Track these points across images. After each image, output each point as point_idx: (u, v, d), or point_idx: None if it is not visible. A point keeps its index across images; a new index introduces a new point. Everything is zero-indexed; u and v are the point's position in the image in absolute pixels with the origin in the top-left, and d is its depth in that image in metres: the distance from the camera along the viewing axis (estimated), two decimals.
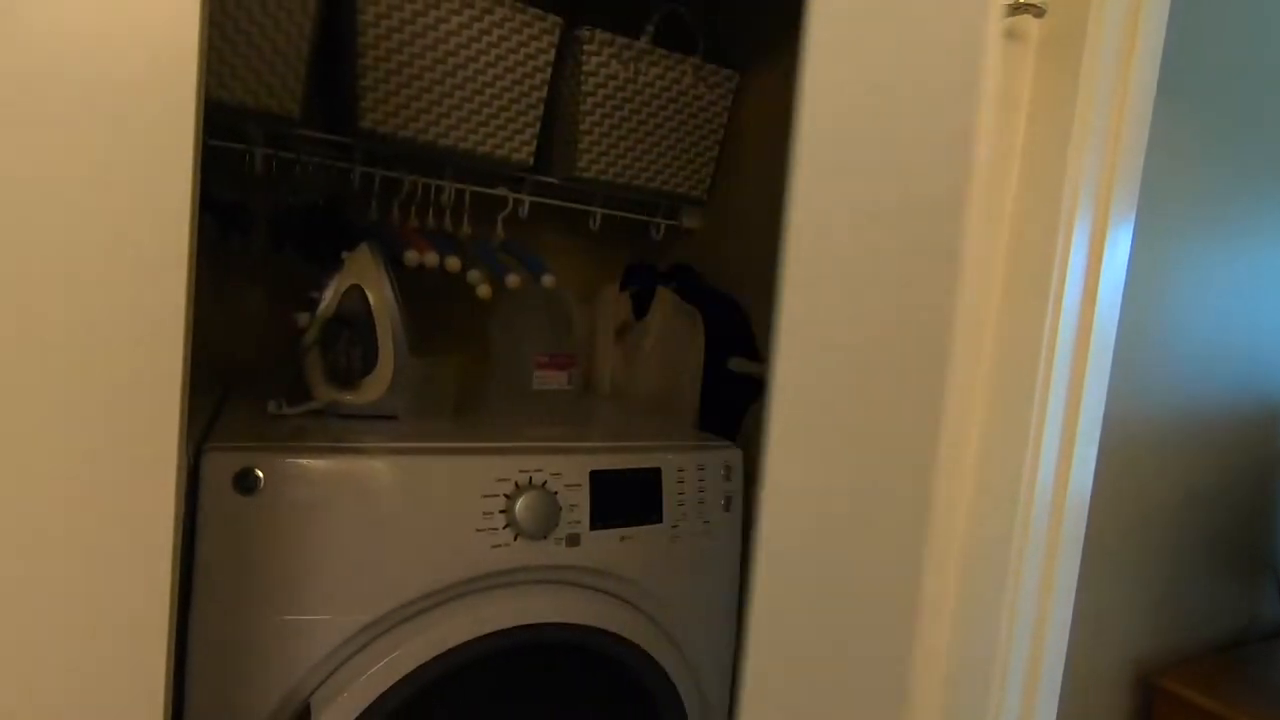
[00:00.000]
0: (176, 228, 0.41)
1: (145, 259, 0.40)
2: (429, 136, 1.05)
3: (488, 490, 0.75)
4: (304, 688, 0.68)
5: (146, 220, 0.40)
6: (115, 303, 0.40)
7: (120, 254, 0.40)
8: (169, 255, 0.41)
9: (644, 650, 0.83)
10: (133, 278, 0.40)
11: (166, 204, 0.40)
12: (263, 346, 1.25)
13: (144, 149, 0.40)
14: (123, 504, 0.41)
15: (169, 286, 0.41)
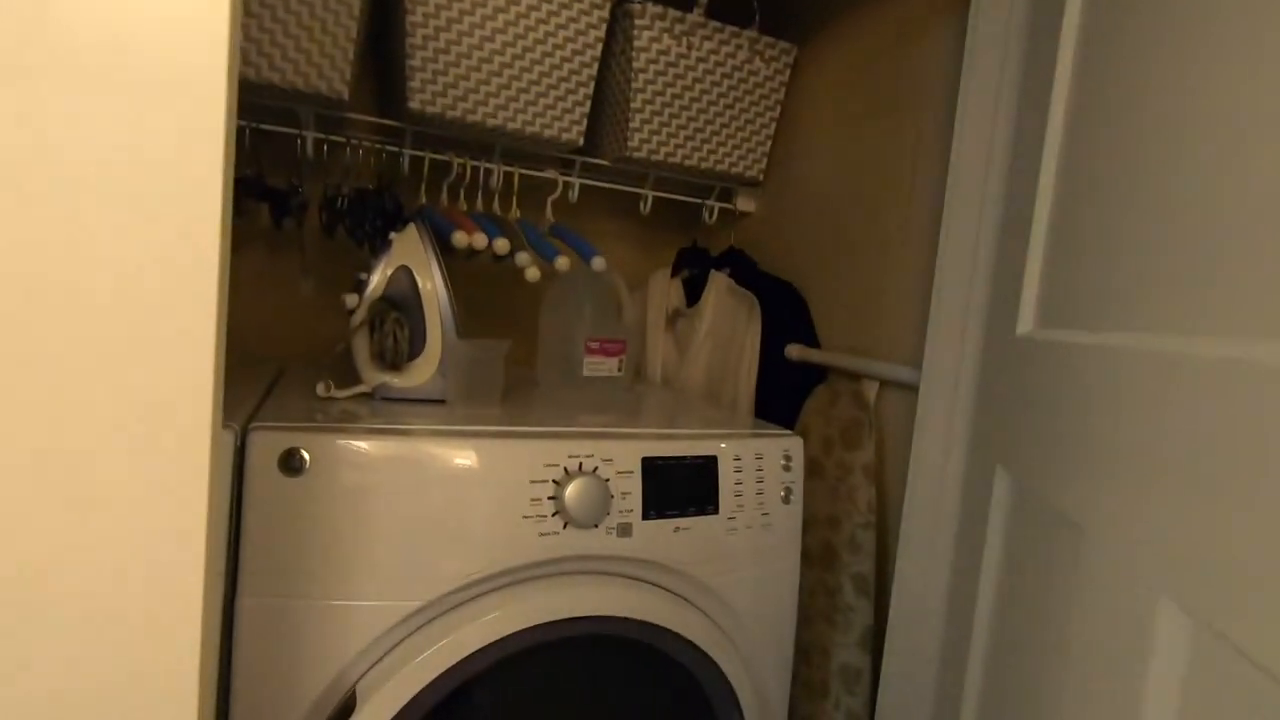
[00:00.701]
0: (208, 202, 0.38)
1: (176, 234, 0.38)
2: (477, 117, 1.03)
3: (536, 476, 0.71)
4: (350, 674, 0.66)
5: (176, 197, 0.38)
6: (144, 283, 0.38)
7: (150, 228, 0.38)
8: (200, 230, 0.38)
9: (698, 647, 0.79)
10: (161, 251, 0.38)
11: (196, 178, 0.38)
12: (317, 331, 1.25)
13: (170, 124, 0.37)
14: (152, 486, 0.39)
15: (200, 256, 0.38)
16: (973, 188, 0.77)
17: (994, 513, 0.65)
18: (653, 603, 0.76)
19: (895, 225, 0.99)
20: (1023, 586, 0.59)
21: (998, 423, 0.67)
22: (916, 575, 0.83)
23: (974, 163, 0.77)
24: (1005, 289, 0.68)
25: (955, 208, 0.79)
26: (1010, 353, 0.66)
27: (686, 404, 1.07)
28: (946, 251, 0.80)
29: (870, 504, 0.94)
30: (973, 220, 0.77)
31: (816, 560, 1.01)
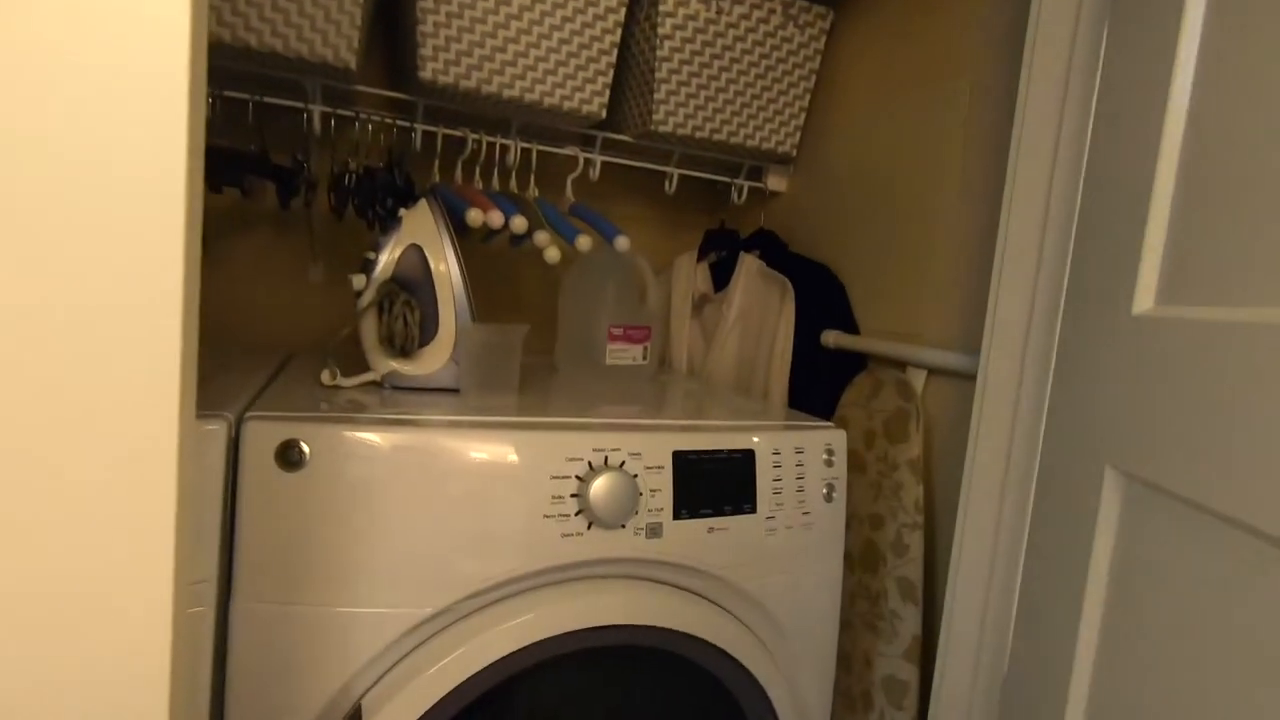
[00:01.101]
0: (170, 181, 0.32)
1: (136, 207, 0.32)
2: (493, 88, 0.96)
3: (558, 472, 0.65)
4: (355, 688, 0.60)
5: (133, 176, 0.32)
6: (104, 262, 0.32)
7: (108, 203, 0.32)
8: (163, 204, 0.32)
9: (733, 657, 0.72)
10: (120, 224, 0.32)
11: (156, 154, 0.32)
12: (327, 319, 1.20)
13: (125, 97, 0.31)
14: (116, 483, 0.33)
15: (162, 232, 0.32)
16: (1041, 156, 0.69)
17: (1104, 518, 0.57)
18: (684, 610, 0.69)
19: (943, 201, 0.91)
20: (1169, 603, 0.51)
21: (1105, 416, 0.58)
22: (975, 585, 0.75)
23: (1042, 128, 0.69)
24: (1106, 265, 0.60)
25: (1021, 179, 0.71)
26: (1122, 335, 0.57)
27: (717, 394, 1.00)
28: (1010, 227, 0.72)
29: (918, 503, 0.87)
30: (1041, 192, 0.69)
31: (857, 562, 0.94)
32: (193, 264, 0.34)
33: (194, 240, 0.35)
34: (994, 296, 0.74)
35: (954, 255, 0.90)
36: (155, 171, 0.32)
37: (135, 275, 0.32)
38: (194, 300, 0.35)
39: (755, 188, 1.27)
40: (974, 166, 0.87)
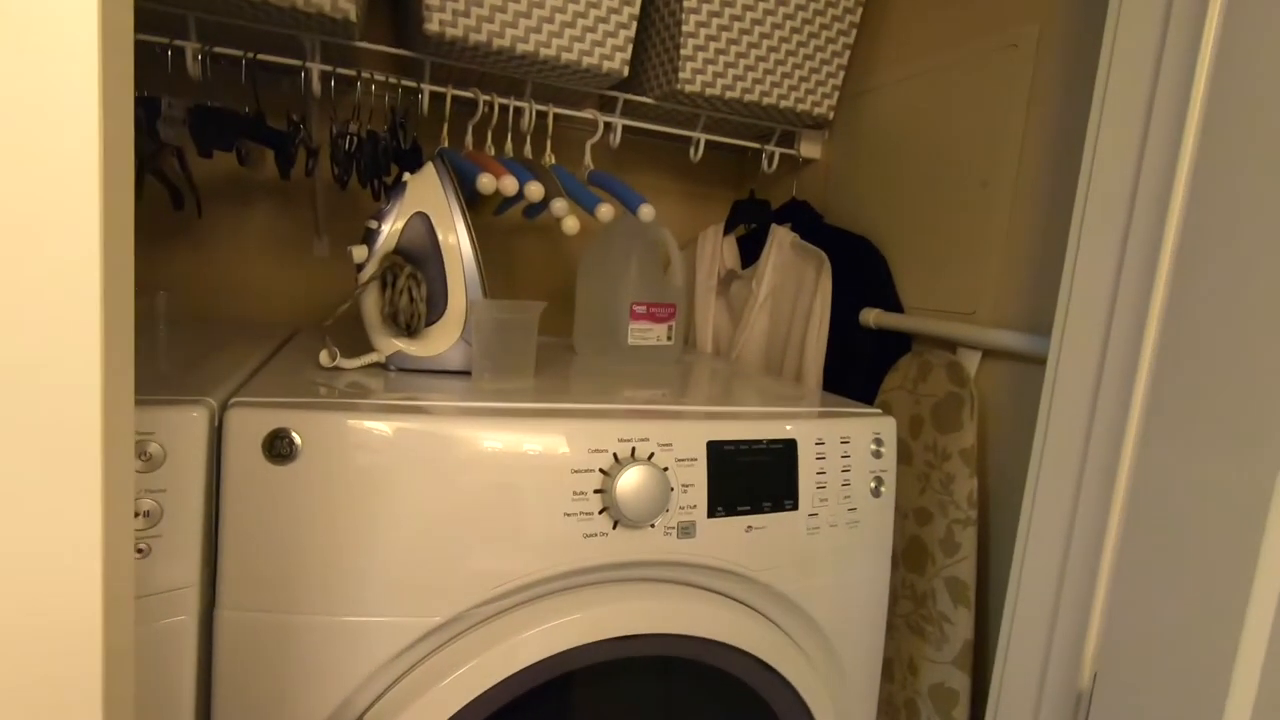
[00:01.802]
0: (82, 132, 0.25)
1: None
2: (505, 41, 0.88)
3: (580, 464, 0.58)
4: (357, 703, 0.54)
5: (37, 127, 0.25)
6: None
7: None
8: (74, 160, 0.25)
9: (772, 668, 0.65)
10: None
11: (62, 101, 0.25)
12: (332, 296, 1.14)
13: None
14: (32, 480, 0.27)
15: (71, 187, 0.25)
16: (1133, 106, 0.60)
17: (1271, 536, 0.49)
18: (718, 616, 0.63)
19: (1003, 164, 0.82)
20: None
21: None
22: (1043, 589, 0.67)
23: (1135, 75, 0.60)
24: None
25: (1107, 135, 0.62)
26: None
27: (748, 378, 0.93)
28: (1093, 186, 0.64)
29: (971, 497, 0.79)
30: (1134, 148, 0.60)
31: (901, 560, 0.86)
32: (118, 226, 0.27)
33: (118, 198, 0.27)
34: (1070, 268, 0.66)
35: (1016, 224, 0.81)
36: (63, 123, 0.25)
37: (39, 239, 0.25)
38: (122, 267, 0.28)
39: (787, 155, 1.18)
40: (1042, 122, 0.78)
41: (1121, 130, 0.61)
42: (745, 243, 1.19)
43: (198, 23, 0.84)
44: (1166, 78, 0.58)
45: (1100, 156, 0.63)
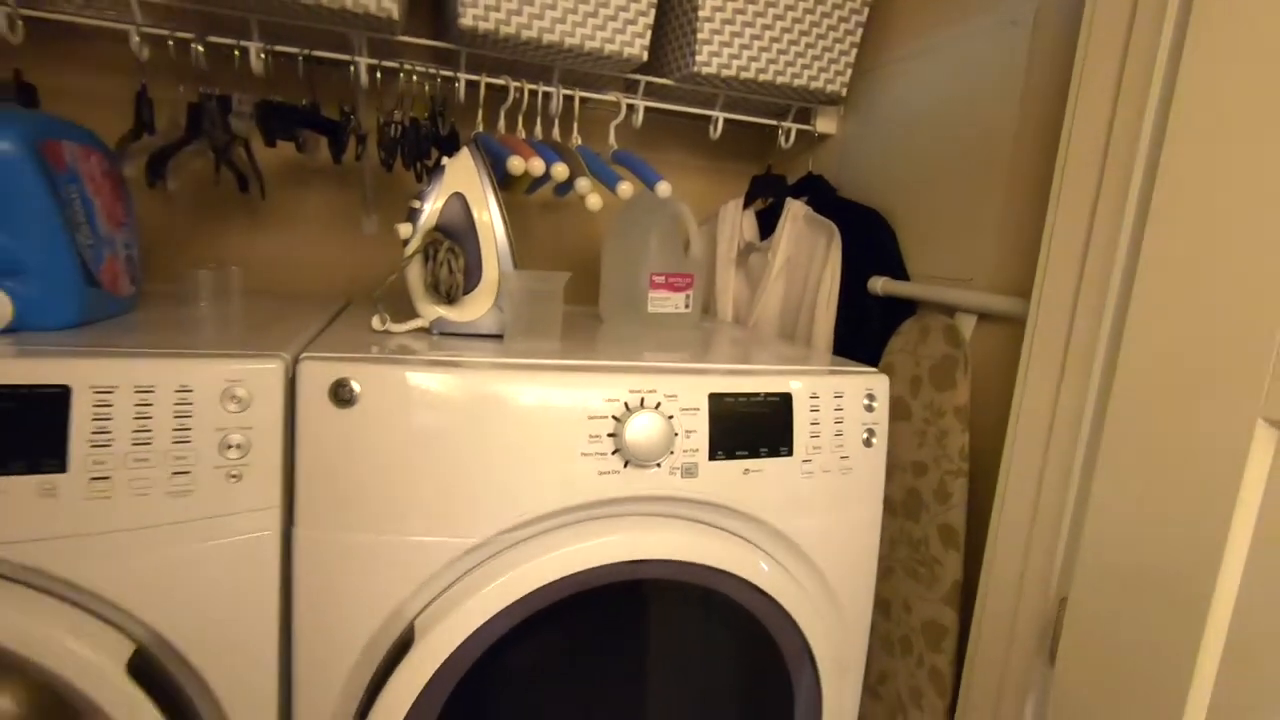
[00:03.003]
0: None
1: None
2: (533, 32, 0.96)
3: (595, 412, 0.67)
4: (408, 610, 0.65)
5: None
6: None
7: None
8: None
9: (768, 595, 0.74)
10: None
11: None
12: (381, 268, 1.24)
13: None
14: None
15: None
16: (1107, 78, 0.65)
17: (1251, 472, 0.52)
18: (720, 547, 0.71)
19: (1000, 139, 0.87)
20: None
21: (1259, 367, 0.52)
22: (1018, 531, 0.74)
23: (1109, 41, 0.65)
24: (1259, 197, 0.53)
25: (1083, 102, 0.67)
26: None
27: (759, 341, 1.00)
28: (1069, 157, 0.69)
29: (963, 450, 0.85)
30: (1104, 119, 0.65)
31: (900, 509, 0.93)
32: None
33: None
34: (1047, 234, 0.71)
35: (1012, 195, 0.86)
36: None
37: None
38: None
39: (803, 131, 1.23)
40: (1037, 98, 0.82)
41: (1092, 111, 0.66)
42: (764, 216, 1.25)
43: (260, 24, 0.94)
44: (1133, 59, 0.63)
45: (1075, 132, 0.68)
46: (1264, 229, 0.51)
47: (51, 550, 0.54)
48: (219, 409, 0.58)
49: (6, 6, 0.86)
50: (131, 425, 0.55)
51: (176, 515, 0.57)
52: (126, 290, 0.79)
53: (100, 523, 0.55)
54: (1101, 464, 0.63)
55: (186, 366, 0.57)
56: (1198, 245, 0.56)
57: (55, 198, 0.64)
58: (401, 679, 0.62)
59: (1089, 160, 0.66)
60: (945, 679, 0.86)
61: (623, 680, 0.75)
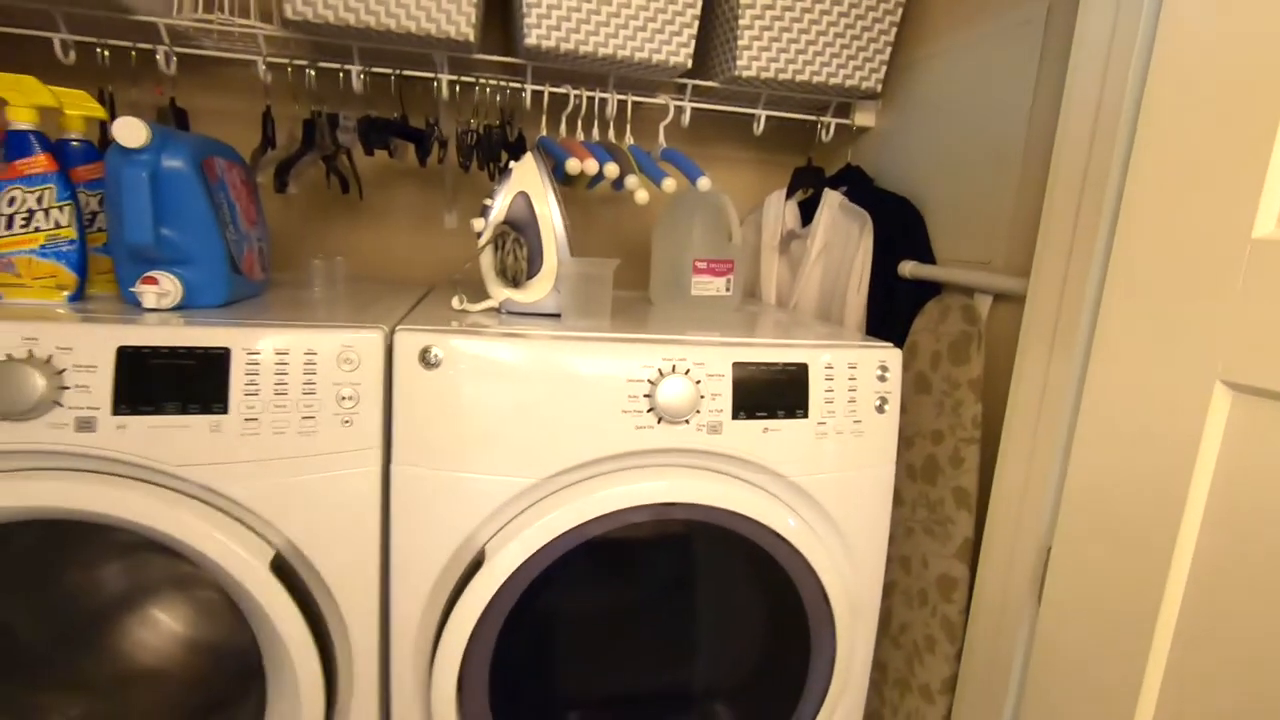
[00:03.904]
0: None
1: None
2: (589, 47, 1.08)
3: (633, 376, 0.79)
4: (480, 536, 0.79)
5: None
6: None
7: None
8: None
9: (788, 541, 0.84)
10: None
11: None
12: (459, 257, 1.41)
13: None
14: None
15: None
16: (1094, 73, 0.72)
17: (1209, 430, 0.59)
18: (743, 496, 0.82)
19: (1015, 129, 0.93)
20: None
21: (1216, 335, 0.60)
22: (1012, 490, 0.82)
23: (1096, 35, 0.72)
24: (1213, 190, 0.61)
25: (1073, 99, 0.74)
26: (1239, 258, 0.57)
27: (791, 321, 1.10)
28: (1062, 150, 0.76)
29: (975, 419, 0.93)
30: (1089, 113, 0.72)
31: (920, 474, 1.02)
32: None
33: None
34: (1044, 218, 0.78)
35: (1025, 182, 0.92)
36: None
37: None
38: None
39: (843, 125, 1.31)
40: (1047, 92, 0.89)
41: (1080, 105, 0.73)
42: (805, 205, 1.34)
43: (359, 50, 1.10)
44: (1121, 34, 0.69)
45: (1067, 120, 0.75)
46: (1211, 219, 0.58)
47: (217, 472, 0.71)
48: (336, 369, 0.74)
49: (164, 45, 1.06)
50: (273, 380, 0.72)
51: (305, 450, 0.73)
52: (259, 276, 0.97)
53: (251, 453, 0.71)
54: (1081, 424, 0.71)
55: (313, 336, 0.73)
56: (1161, 227, 0.63)
57: (211, 203, 0.82)
58: (475, 591, 0.77)
59: (1078, 148, 0.73)
60: (956, 627, 0.94)
61: (652, 606, 0.87)
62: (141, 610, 0.90)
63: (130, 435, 0.68)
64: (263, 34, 1.08)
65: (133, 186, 0.74)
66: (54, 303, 0.79)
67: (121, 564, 0.90)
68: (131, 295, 0.79)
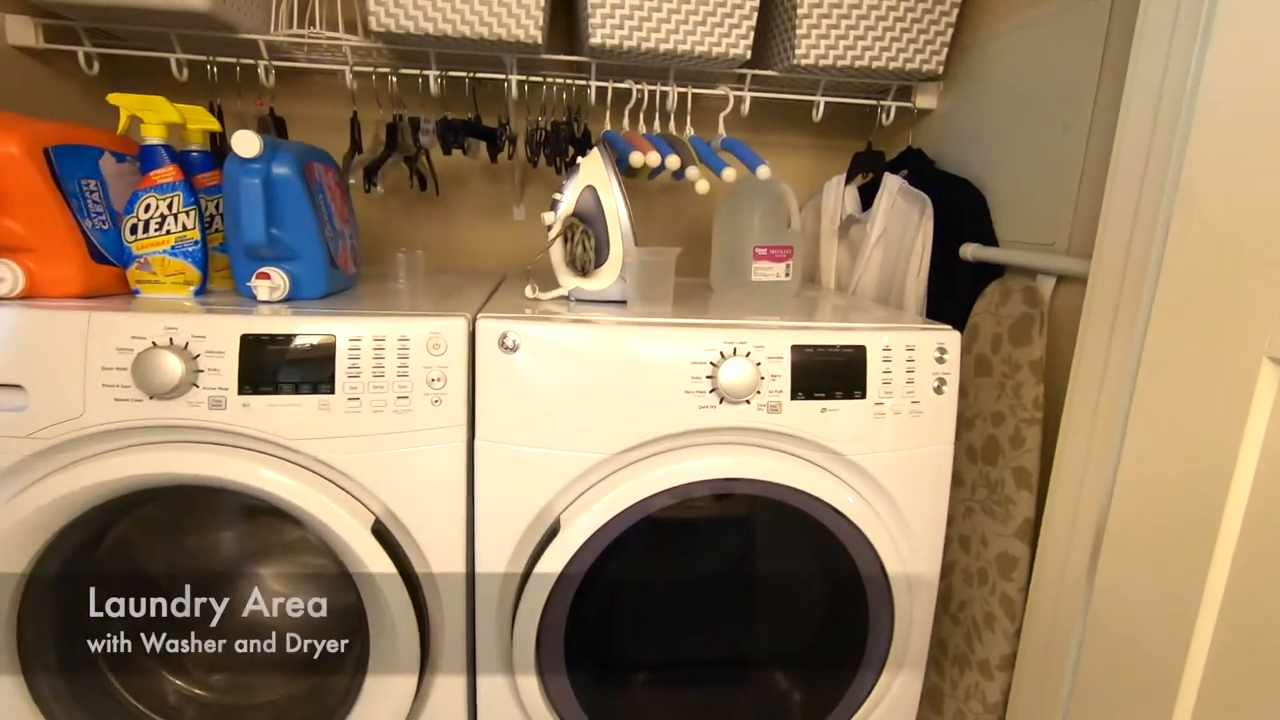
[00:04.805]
0: None
1: None
2: (651, 44, 1.12)
3: (696, 359, 0.84)
4: (555, 506, 0.86)
5: None
6: None
7: None
8: None
9: (846, 516, 0.87)
10: None
11: None
12: (527, 248, 1.48)
13: None
14: None
15: None
16: (1157, 54, 0.72)
17: (1257, 407, 0.60)
18: (803, 472, 0.86)
19: (1080, 110, 0.93)
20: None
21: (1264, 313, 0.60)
22: (1072, 471, 0.83)
23: (1160, 22, 0.71)
24: (1264, 169, 0.59)
25: (1137, 79, 0.74)
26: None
27: (849, 305, 1.12)
28: (1126, 130, 0.76)
29: (1037, 400, 0.93)
30: (1153, 94, 0.72)
31: (980, 455, 1.03)
32: None
33: None
34: (1106, 201, 0.78)
35: (1090, 163, 0.91)
36: None
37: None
38: None
39: (904, 108, 1.31)
40: (1114, 71, 0.88)
41: (1143, 86, 0.73)
42: (865, 190, 1.35)
43: (436, 56, 1.18)
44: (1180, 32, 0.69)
45: (1129, 104, 0.75)
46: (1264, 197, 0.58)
47: (325, 445, 0.79)
48: (426, 353, 0.81)
49: (264, 60, 1.16)
50: (372, 363, 0.80)
51: (400, 426, 0.81)
52: (352, 270, 1.06)
53: (354, 428, 0.80)
54: (1134, 404, 0.71)
55: (405, 323, 0.81)
56: (1214, 205, 0.63)
57: (313, 205, 0.90)
58: (551, 556, 0.83)
59: (1141, 129, 0.73)
60: (1015, 605, 0.95)
61: (714, 578, 0.92)
62: (257, 570, 1.01)
63: (253, 412, 0.77)
64: (349, 45, 1.16)
65: (249, 192, 0.83)
66: (182, 296, 0.89)
67: (240, 528, 1.01)
68: (247, 289, 0.88)
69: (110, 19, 1.10)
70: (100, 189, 0.87)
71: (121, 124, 0.86)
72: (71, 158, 0.83)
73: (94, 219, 0.85)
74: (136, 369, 0.74)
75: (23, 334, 0.75)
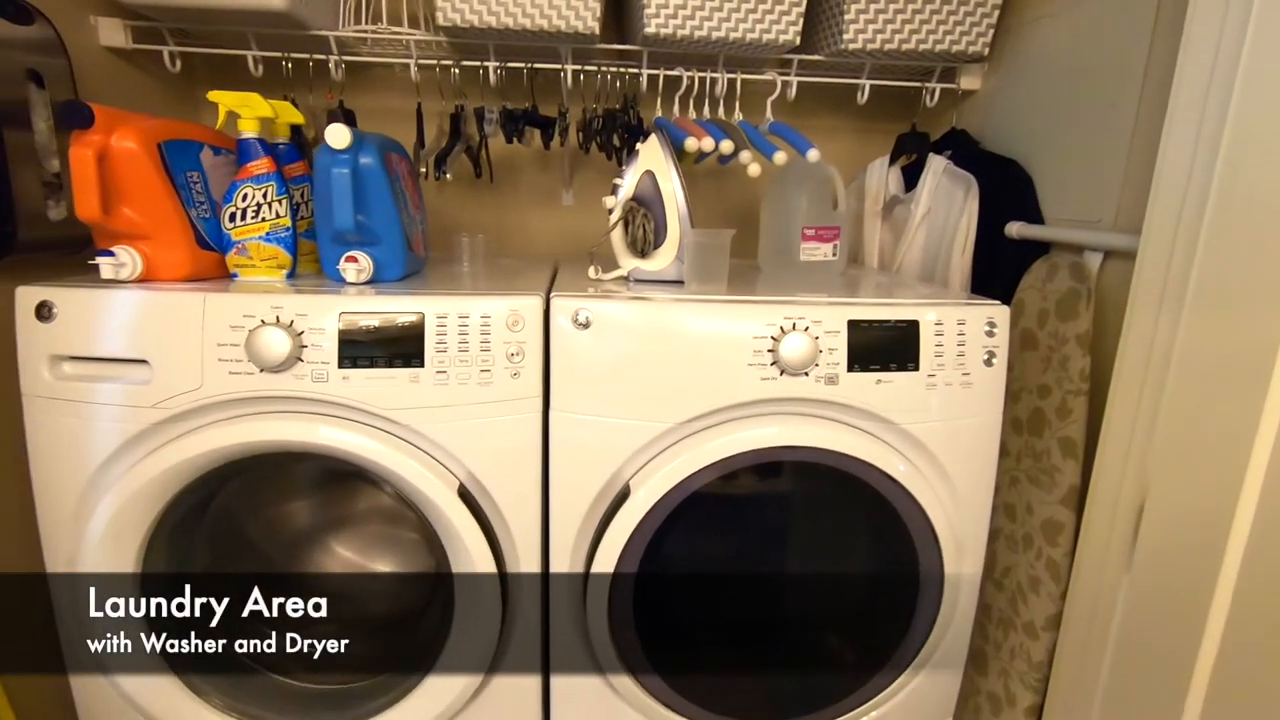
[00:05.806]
0: None
1: None
2: (703, 31, 1.16)
3: (757, 334, 0.89)
4: (625, 472, 0.91)
5: None
6: None
7: None
8: None
9: (899, 482, 0.92)
10: None
11: None
12: (575, 232, 1.53)
13: None
14: None
15: None
16: (1210, 30, 0.74)
17: (1275, 386, 0.64)
18: (858, 441, 0.91)
19: (1128, 88, 0.95)
20: None
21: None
22: (1120, 439, 0.86)
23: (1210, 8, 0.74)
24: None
25: (1189, 55, 0.77)
26: None
27: (897, 282, 1.16)
28: (1178, 105, 0.78)
29: (1083, 373, 0.97)
30: (1205, 68, 0.75)
31: (1026, 427, 1.07)
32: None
33: None
34: (1156, 177, 0.81)
35: (1138, 140, 0.94)
36: None
37: None
38: None
39: (947, 89, 1.33)
40: (1163, 49, 0.90)
41: (1195, 63, 0.76)
42: (909, 171, 1.38)
43: (494, 48, 1.23)
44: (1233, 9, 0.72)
45: (1181, 79, 0.78)
46: None
47: (416, 415, 0.86)
48: (505, 330, 0.87)
49: (334, 55, 1.22)
50: (457, 339, 0.86)
51: (483, 398, 0.87)
52: (423, 254, 1.12)
53: (442, 399, 0.86)
54: (1169, 380, 0.75)
55: (486, 302, 0.87)
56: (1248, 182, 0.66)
57: (393, 193, 0.97)
58: (621, 520, 0.89)
59: (1192, 104, 0.76)
60: (1060, 568, 1.00)
61: (771, 542, 0.98)
62: (352, 534, 1.09)
63: (351, 385, 0.84)
64: (413, 39, 1.22)
65: (340, 181, 0.89)
66: (275, 279, 0.96)
67: (336, 493, 1.09)
68: (335, 272, 0.95)
69: (194, 20, 1.17)
70: (202, 180, 0.94)
71: (220, 119, 0.93)
72: (178, 152, 0.90)
73: (198, 208, 0.92)
74: (250, 345, 0.81)
75: (146, 314, 0.83)
